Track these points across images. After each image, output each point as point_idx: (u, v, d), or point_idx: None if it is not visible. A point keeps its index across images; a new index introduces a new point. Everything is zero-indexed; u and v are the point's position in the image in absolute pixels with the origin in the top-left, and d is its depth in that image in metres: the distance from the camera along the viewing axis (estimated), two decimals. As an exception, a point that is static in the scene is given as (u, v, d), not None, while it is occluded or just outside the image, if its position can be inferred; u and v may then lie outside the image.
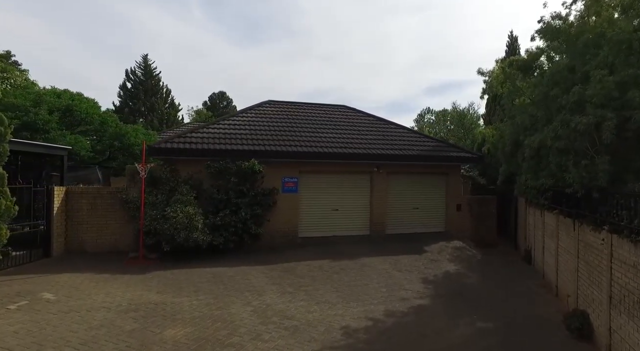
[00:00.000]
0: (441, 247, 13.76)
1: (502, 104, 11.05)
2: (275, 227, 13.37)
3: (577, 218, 7.65)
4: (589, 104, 6.74)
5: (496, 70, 11.89)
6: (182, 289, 8.75)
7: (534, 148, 7.99)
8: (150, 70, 36.41)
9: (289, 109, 17.29)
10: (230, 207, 12.06)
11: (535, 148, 7.97)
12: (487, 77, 12.13)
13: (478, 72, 12.31)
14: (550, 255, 10.23)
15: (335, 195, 14.44)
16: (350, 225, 14.57)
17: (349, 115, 17.75)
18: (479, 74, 12.30)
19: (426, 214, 15.48)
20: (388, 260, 12.00)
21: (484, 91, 12.45)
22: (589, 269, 6.93)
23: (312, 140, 14.38)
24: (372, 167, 14.51)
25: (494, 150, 11.46)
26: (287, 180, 13.74)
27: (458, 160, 15.28)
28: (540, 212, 11.60)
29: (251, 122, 15.17)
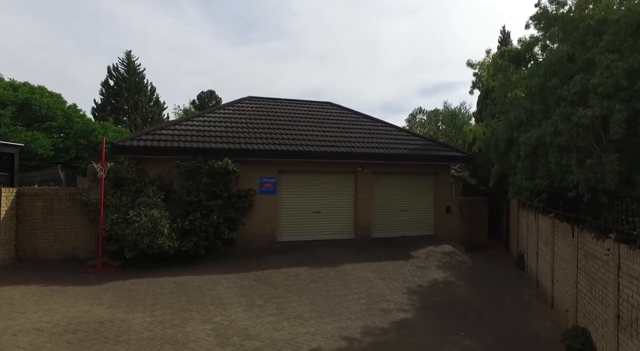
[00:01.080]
0: (429, 252, 12.95)
1: (494, 98, 10.22)
2: (251, 231, 12.47)
3: (577, 224, 6.86)
4: (593, 95, 5.95)
5: (487, 61, 11.07)
6: (138, 302, 7.81)
7: (530, 146, 7.16)
8: (133, 67, 35.24)
9: (270, 106, 16.38)
10: (201, 209, 11.13)
11: (532, 146, 7.14)
12: (477, 69, 11.30)
13: (467, 64, 11.51)
14: (545, 262, 9.45)
15: (317, 196, 13.57)
16: (333, 228, 13.71)
17: (334, 113, 16.89)
18: (468, 66, 11.51)
19: (414, 217, 14.67)
20: (371, 267, 11.15)
21: (473, 85, 11.58)
22: (591, 282, 6.13)
23: (292, 138, 13.49)
24: (357, 167, 13.66)
25: (486, 149, 10.58)
26: (265, 181, 12.85)
27: (447, 159, 14.49)
28: (534, 214, 10.83)
29: (228, 119, 14.25)
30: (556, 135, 6.34)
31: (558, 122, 6.27)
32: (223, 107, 15.20)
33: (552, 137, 6.40)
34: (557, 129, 6.29)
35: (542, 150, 7.11)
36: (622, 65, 5.70)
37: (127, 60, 34.71)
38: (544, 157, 7.13)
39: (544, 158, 7.18)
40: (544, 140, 6.67)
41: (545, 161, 7.13)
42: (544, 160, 7.17)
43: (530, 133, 7.19)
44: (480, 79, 11.36)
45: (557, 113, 6.37)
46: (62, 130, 14.62)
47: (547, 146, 6.74)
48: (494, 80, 10.31)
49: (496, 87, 10.04)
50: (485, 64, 11.09)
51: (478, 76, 11.33)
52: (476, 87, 11.60)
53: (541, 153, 7.17)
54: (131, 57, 34.81)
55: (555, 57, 6.93)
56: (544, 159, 7.16)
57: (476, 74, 11.39)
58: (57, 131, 14.45)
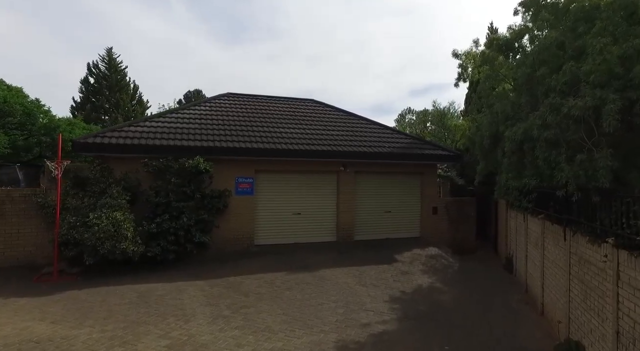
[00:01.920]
0: (414, 255, 12.35)
1: (479, 91, 9.61)
2: (226, 234, 11.74)
3: (569, 226, 6.29)
4: (584, 84, 5.39)
5: (473, 51, 10.45)
6: (90, 316, 7.04)
7: (516, 141, 6.58)
8: (115, 64, 34.12)
9: (250, 103, 15.66)
10: (170, 211, 10.37)
11: (518, 141, 6.56)
12: (462, 59, 10.66)
13: (453, 55, 10.86)
14: (535, 266, 8.90)
15: (297, 197, 12.90)
16: (314, 231, 13.04)
17: (316, 110, 16.24)
18: (453, 57, 10.88)
19: (399, 218, 14.07)
20: (352, 272, 10.51)
21: (459, 76, 10.92)
22: (585, 291, 5.54)
23: (271, 136, 12.80)
24: (338, 166, 13.02)
25: (471, 145, 9.94)
26: (242, 181, 12.14)
27: (434, 158, 13.92)
28: (523, 216, 10.29)
29: (203, 115, 13.50)
30: (544, 128, 5.76)
31: (546, 114, 5.69)
32: (199, 104, 14.44)
33: (539, 131, 5.82)
34: (545, 122, 5.71)
35: (528, 146, 6.52)
36: (616, 51, 5.15)
37: (108, 57, 33.61)
38: (531, 153, 6.55)
39: (530, 154, 6.59)
40: (531, 134, 6.08)
41: (532, 158, 6.55)
42: (531, 157, 6.58)
43: (516, 128, 6.60)
44: (466, 70, 10.71)
45: (545, 105, 5.80)
46: (24, 127, 13.65)
47: (535, 141, 6.16)
48: (480, 73, 9.70)
49: (482, 79, 9.44)
50: (472, 54, 10.46)
51: (464, 67, 10.68)
52: (461, 79, 10.95)
53: (528, 149, 6.58)
54: (112, 54, 33.71)
55: (544, 44, 6.36)
56: (531, 155, 6.58)
57: (462, 65, 10.75)
58: (16, 127, 13.46)
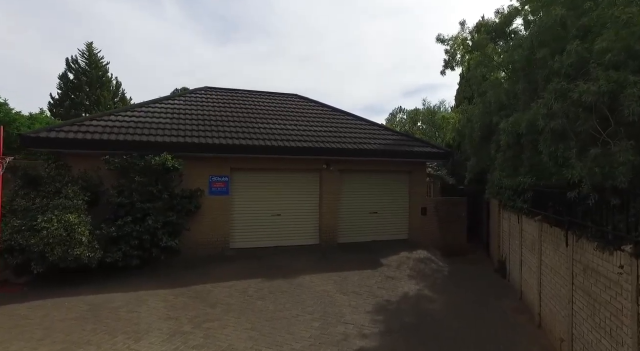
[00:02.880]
0: (401, 259, 11.55)
1: (469, 78, 8.77)
2: (198, 237, 10.85)
3: (572, 229, 5.52)
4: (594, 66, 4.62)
5: (461, 35, 9.58)
6: (23, 335, 6.11)
7: (513, 133, 5.78)
8: (95, 60, 32.89)
9: (229, 97, 14.76)
10: (134, 213, 9.44)
11: (515, 133, 5.76)
12: (449, 44, 9.79)
13: (437, 39, 10.00)
14: (531, 272, 8.14)
15: (277, 197, 12.03)
16: (295, 233, 12.18)
17: (300, 105, 15.38)
18: (438, 42, 10.02)
19: (386, 219, 13.27)
20: (333, 278, 9.67)
21: (446, 64, 10.05)
22: (593, 305, 4.77)
23: (249, 131, 11.92)
24: (321, 164, 12.18)
25: (460, 138, 9.09)
26: (216, 180, 11.24)
27: (423, 156, 13.14)
28: (517, 217, 9.55)
29: (177, 110, 12.56)
30: (550, 117, 4.97)
31: (551, 101, 4.90)
32: (172, 98, 13.50)
33: (545, 120, 5.03)
34: (551, 110, 4.92)
35: (528, 139, 5.71)
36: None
37: (88, 52, 32.39)
38: (530, 147, 5.74)
39: (530, 148, 5.78)
40: (534, 125, 5.29)
41: (531, 153, 5.75)
42: (531, 152, 5.78)
43: (514, 118, 5.80)
44: (454, 57, 9.84)
45: (549, 90, 5.00)
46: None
47: (536, 133, 5.37)
48: (469, 58, 8.81)
49: (472, 65, 8.62)
50: (460, 39, 9.59)
51: (451, 54, 9.82)
52: (449, 66, 10.08)
53: (527, 142, 5.78)
54: (92, 49, 32.51)
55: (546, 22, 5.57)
56: (530, 150, 5.78)
57: (449, 52, 9.88)
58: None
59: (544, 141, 5.14)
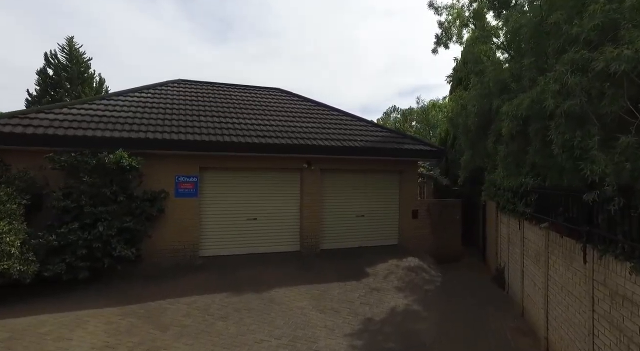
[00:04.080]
0: (390, 268, 10.45)
1: (465, 55, 7.49)
2: (162, 245, 9.69)
3: (592, 243, 4.42)
4: (627, 27, 3.53)
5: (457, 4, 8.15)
6: None
7: (519, 118, 4.64)
8: (77, 55, 31.54)
9: (204, 90, 13.58)
10: (82, 218, 8.26)
11: (521, 118, 4.63)
12: (443, 15, 8.41)
13: (429, 5, 8.61)
14: (534, 287, 7.06)
15: (253, 199, 10.88)
16: (272, 239, 11.04)
17: (281, 100, 14.23)
18: (430, 8, 8.65)
19: (374, 223, 12.16)
20: (311, 292, 8.55)
21: (438, 40, 8.69)
22: (628, 346, 3.67)
23: (221, 127, 10.76)
24: (302, 163, 11.05)
25: (454, 129, 7.87)
26: (183, 180, 10.07)
27: (414, 154, 12.03)
28: (517, 222, 8.48)
29: (142, 103, 11.37)
30: (564, 96, 3.87)
31: (566, 75, 3.80)
32: (140, 90, 12.29)
33: (556, 100, 3.92)
34: (566, 87, 3.82)
35: (536, 127, 4.57)
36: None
37: (68, 47, 31.06)
38: (538, 137, 4.60)
39: (538, 139, 4.63)
40: (541, 108, 4.15)
41: (541, 144, 4.61)
42: (540, 143, 4.63)
43: (519, 99, 4.66)
44: (448, 31, 8.49)
45: (563, 61, 3.89)
46: None
47: (546, 119, 4.24)
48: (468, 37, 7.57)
49: (469, 40, 7.41)
50: (456, 9, 8.23)
51: (445, 28, 8.46)
52: (441, 43, 8.77)
53: (535, 131, 4.63)
54: (73, 44, 31.19)
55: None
56: (539, 141, 4.63)
57: (443, 25, 8.54)
58: None
59: (555, 128, 4.00)
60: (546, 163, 4.69)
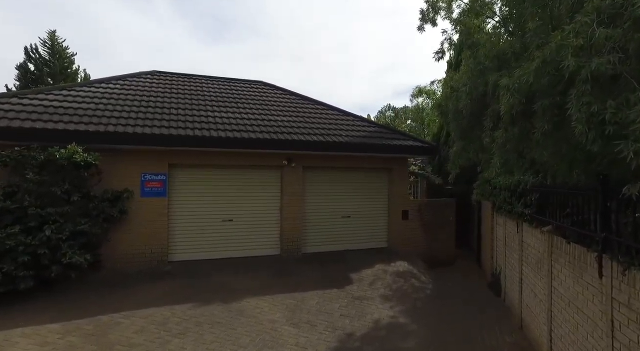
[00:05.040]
0: (376, 273, 9.59)
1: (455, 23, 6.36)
2: (127, 249, 8.82)
3: (609, 252, 3.58)
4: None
5: None
6: None
7: (523, 92, 3.68)
8: (59, 49, 30.46)
9: (180, 82, 12.66)
10: (26, 221, 7.33)
11: (525, 93, 3.69)
12: None
13: None
14: (535, 298, 6.22)
15: (229, 199, 10.00)
16: (250, 242, 10.17)
17: (263, 93, 13.34)
18: None
19: (361, 225, 11.31)
20: (286, 302, 7.67)
21: (424, 16, 7.32)
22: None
23: (194, 120, 9.86)
24: (282, 160, 10.17)
25: (442, 117, 6.85)
26: (150, 178, 9.17)
27: (404, 150, 11.19)
28: (515, 224, 7.65)
29: (109, 94, 10.42)
30: (589, 52, 2.93)
31: (591, 26, 2.85)
32: (108, 81, 11.36)
33: (578, 59, 2.98)
34: (592, 41, 2.86)
35: (545, 103, 3.57)
36: None
37: (50, 41, 29.97)
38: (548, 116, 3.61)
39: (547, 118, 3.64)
40: (558, 71, 3.18)
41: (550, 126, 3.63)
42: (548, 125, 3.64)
43: (523, 68, 3.68)
44: (436, 5, 7.30)
45: (587, 11, 2.95)
46: None
47: (565, 85, 3.27)
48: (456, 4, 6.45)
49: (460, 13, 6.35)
50: None
51: (431, 1, 7.33)
52: (427, 19, 7.53)
53: (544, 108, 3.61)
54: (55, 38, 30.11)
55: None
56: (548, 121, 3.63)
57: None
58: None
59: (577, 97, 3.01)
60: (557, 151, 3.77)
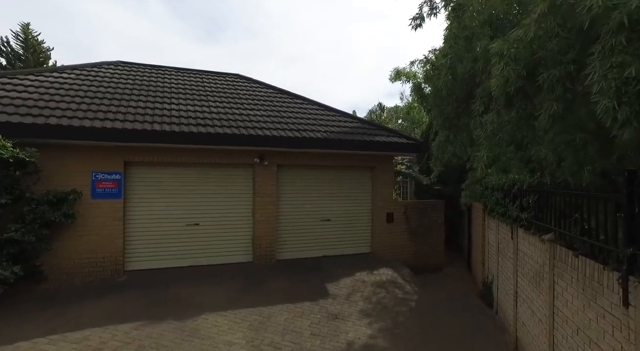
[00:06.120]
0: (356, 284, 8.68)
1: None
2: (73, 258, 7.82)
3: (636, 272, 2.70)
4: None
5: None
6: None
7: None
8: (33, 43, 29.12)
9: (146, 73, 11.62)
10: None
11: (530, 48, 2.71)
12: None
13: None
14: (533, 316, 5.35)
15: (195, 201, 9.02)
16: (219, 248, 9.20)
17: (239, 86, 12.36)
18: None
19: (342, 229, 10.40)
20: (251, 319, 6.71)
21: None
22: None
23: (154, 113, 8.86)
24: (253, 157, 9.22)
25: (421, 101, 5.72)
26: (102, 178, 8.16)
27: (388, 147, 10.29)
28: (510, 230, 6.79)
29: (59, 84, 9.33)
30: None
31: None
32: (62, 70, 10.29)
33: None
34: None
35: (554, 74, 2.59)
36: None
37: (24, 34, 28.61)
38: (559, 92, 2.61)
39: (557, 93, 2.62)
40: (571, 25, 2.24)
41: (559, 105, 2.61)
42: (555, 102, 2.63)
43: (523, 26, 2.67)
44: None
45: None
46: None
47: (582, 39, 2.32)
48: None
49: None
50: None
51: None
52: None
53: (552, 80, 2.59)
54: (29, 31, 28.75)
55: None
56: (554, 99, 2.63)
57: None
58: None
59: (602, 56, 2.08)
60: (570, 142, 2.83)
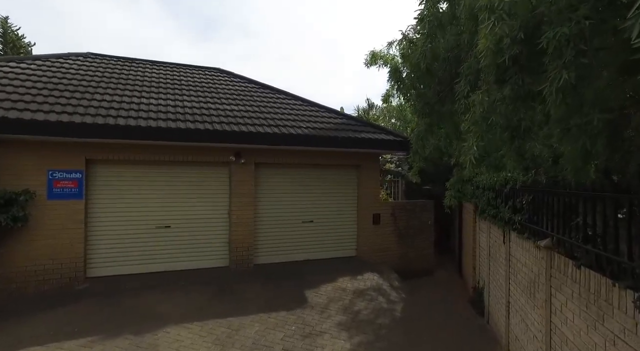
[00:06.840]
0: (337, 291, 8.08)
1: None
2: (25, 265, 7.14)
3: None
4: None
5: None
6: None
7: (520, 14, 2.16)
8: (12, 38, 28.11)
9: (117, 66, 10.91)
10: None
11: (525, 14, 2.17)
12: None
13: None
14: (527, 330, 4.79)
15: (166, 202, 8.37)
16: (193, 252, 8.56)
17: (218, 80, 11.70)
18: None
19: (325, 231, 9.80)
20: (218, 331, 6.08)
21: None
22: None
23: (121, 107, 8.17)
24: (229, 155, 8.59)
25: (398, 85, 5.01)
26: (60, 176, 7.48)
27: (375, 144, 9.70)
28: (502, 233, 6.24)
29: (16, 74, 8.56)
30: None
31: None
32: (21, 60, 9.56)
33: None
34: None
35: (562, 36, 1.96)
36: None
37: (2, 29, 27.61)
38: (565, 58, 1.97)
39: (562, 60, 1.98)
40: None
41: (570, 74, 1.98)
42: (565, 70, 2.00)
43: None
44: None
45: None
46: None
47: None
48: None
49: None
50: None
51: None
52: None
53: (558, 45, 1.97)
54: (7, 25, 27.75)
55: None
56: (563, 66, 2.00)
57: None
58: None
59: None
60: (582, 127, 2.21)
